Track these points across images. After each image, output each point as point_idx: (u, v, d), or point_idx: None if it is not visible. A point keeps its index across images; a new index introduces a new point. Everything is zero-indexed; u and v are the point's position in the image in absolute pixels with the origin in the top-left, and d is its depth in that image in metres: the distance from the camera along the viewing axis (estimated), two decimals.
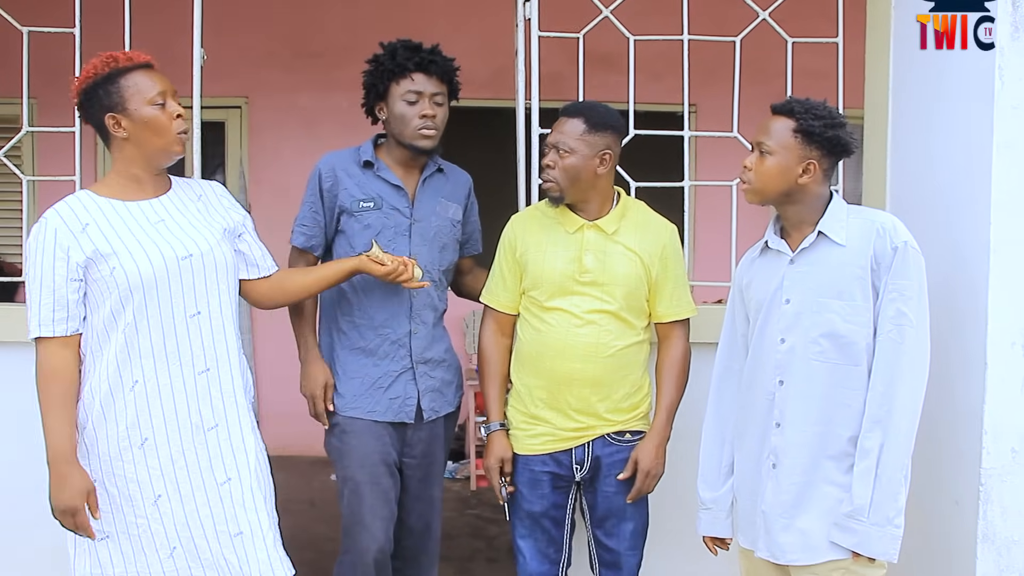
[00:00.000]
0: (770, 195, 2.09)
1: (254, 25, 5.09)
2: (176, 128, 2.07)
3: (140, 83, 2.05)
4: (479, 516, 4.31)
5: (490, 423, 2.46)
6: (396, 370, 2.46)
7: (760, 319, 2.13)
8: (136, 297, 2.02)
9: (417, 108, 2.41)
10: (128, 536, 2.05)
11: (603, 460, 2.40)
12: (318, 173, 2.48)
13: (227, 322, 2.14)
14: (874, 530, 1.94)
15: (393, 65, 2.43)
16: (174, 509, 2.07)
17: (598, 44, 2.89)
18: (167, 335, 2.05)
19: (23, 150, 5.03)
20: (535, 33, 2.74)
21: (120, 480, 2.04)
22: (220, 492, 2.10)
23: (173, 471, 2.07)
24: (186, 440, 2.07)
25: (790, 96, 2.12)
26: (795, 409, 2.06)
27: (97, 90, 2.04)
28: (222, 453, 2.11)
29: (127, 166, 2.09)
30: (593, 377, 2.34)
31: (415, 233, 2.47)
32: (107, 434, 2.04)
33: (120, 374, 2.03)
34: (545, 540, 2.44)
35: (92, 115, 2.07)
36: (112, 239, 2.02)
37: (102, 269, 2.01)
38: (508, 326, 2.48)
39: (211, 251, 2.10)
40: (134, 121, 2.04)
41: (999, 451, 2.19)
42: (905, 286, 1.97)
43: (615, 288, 2.34)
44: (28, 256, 2.03)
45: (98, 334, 2.04)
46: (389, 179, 2.48)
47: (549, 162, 2.34)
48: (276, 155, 5.29)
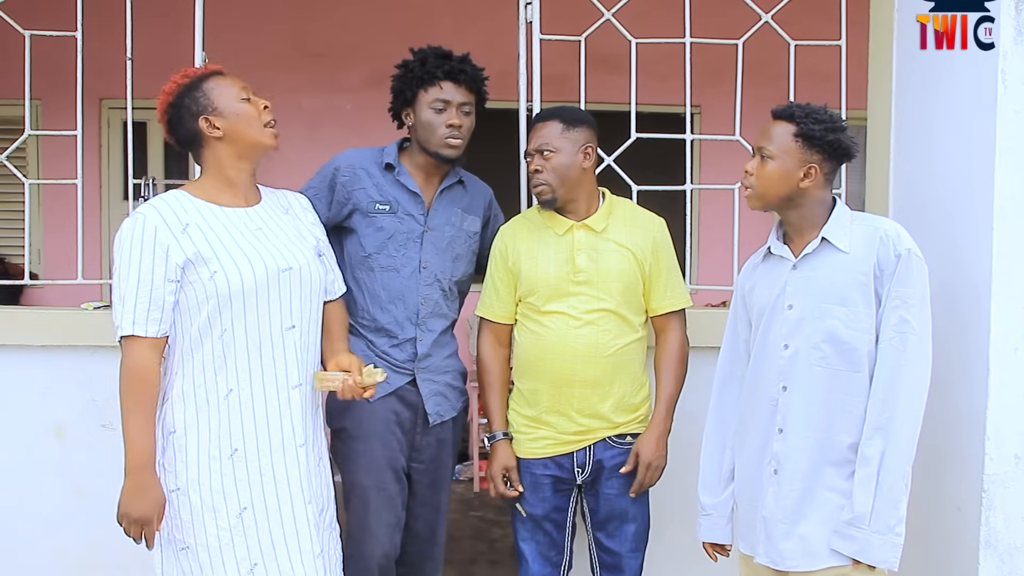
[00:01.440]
0: (772, 200, 2.09)
1: (256, 27, 5.09)
2: (265, 119, 2.10)
3: (223, 83, 2.09)
4: (482, 518, 4.31)
5: (494, 432, 2.46)
6: (394, 371, 2.45)
7: (763, 324, 2.13)
8: (235, 305, 1.99)
9: (444, 117, 2.41)
10: (207, 548, 2.00)
11: (604, 463, 2.40)
12: (335, 166, 2.47)
13: (317, 339, 2.16)
14: (875, 537, 1.94)
15: (422, 72, 2.42)
16: (259, 523, 2.03)
17: (601, 46, 2.89)
18: (263, 346, 2.03)
19: (27, 152, 5.05)
20: (536, 36, 2.74)
21: (205, 490, 2.00)
22: (307, 511, 2.08)
23: (261, 485, 2.03)
24: (276, 454, 2.05)
25: (790, 101, 2.11)
26: (798, 415, 2.05)
27: (184, 99, 2.07)
28: (310, 472, 2.11)
29: (221, 168, 2.10)
30: (594, 377, 2.34)
31: (427, 241, 2.47)
32: (198, 442, 2.00)
33: (216, 381, 2.00)
34: (547, 543, 2.44)
35: (184, 126, 2.08)
36: (214, 243, 2.00)
37: (202, 273, 1.98)
38: (505, 336, 2.49)
39: (308, 266, 2.11)
40: (227, 118, 2.07)
41: (1002, 457, 2.18)
42: (908, 294, 1.97)
43: (610, 285, 2.35)
44: (122, 251, 1.97)
45: (191, 338, 2.00)
46: (408, 184, 2.47)
47: (537, 167, 2.36)
48: (280, 156, 5.26)
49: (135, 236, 1.97)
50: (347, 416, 2.45)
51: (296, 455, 2.07)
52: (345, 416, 2.45)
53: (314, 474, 2.13)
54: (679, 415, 2.46)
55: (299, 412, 2.08)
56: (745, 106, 2.89)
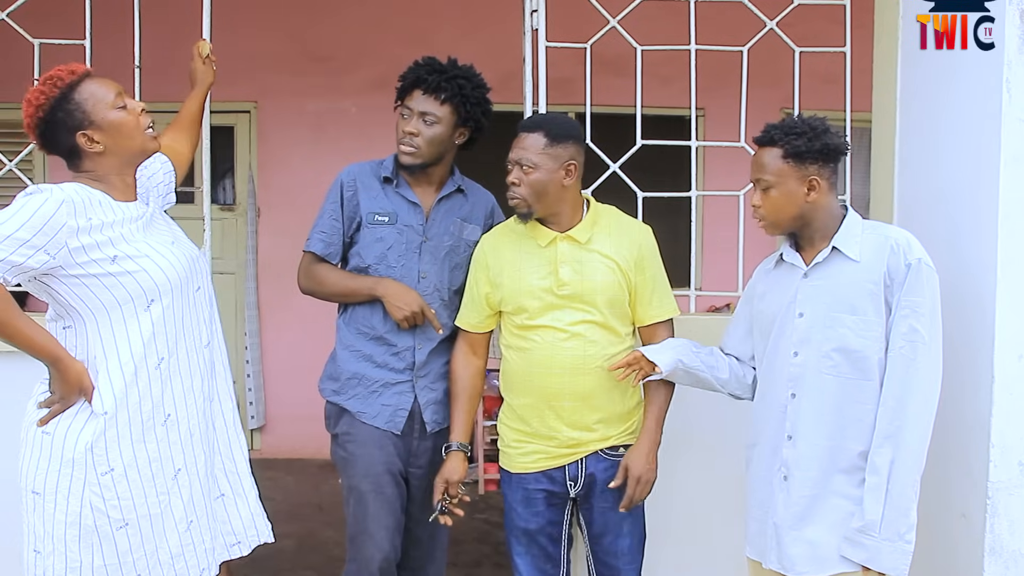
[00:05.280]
0: (786, 223, 2.11)
1: (263, 30, 5.10)
2: (144, 124, 2.04)
3: (95, 91, 1.99)
4: (487, 520, 4.31)
5: (450, 442, 2.45)
6: (392, 380, 2.46)
7: (773, 332, 2.15)
8: (163, 288, 2.03)
9: (403, 123, 2.43)
10: (149, 517, 2.03)
11: (597, 476, 2.36)
12: (340, 183, 2.50)
13: (213, 295, 2.23)
14: (885, 545, 1.95)
15: (404, 83, 2.45)
16: (191, 483, 2.09)
17: (605, 49, 2.89)
18: (186, 314, 2.09)
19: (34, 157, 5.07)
20: (543, 43, 2.74)
21: (143, 462, 2.02)
22: (218, 460, 2.19)
23: (191, 445, 2.09)
24: (203, 413, 2.13)
25: (766, 125, 2.12)
26: (807, 422, 2.07)
27: (56, 113, 1.97)
28: (221, 424, 2.21)
29: (106, 176, 2.05)
30: (583, 390, 2.31)
31: (425, 251, 2.47)
32: (129, 417, 2.01)
33: (146, 354, 2.01)
34: (542, 557, 2.41)
35: (60, 141, 2.01)
36: (128, 237, 2.02)
37: (127, 266, 2.00)
38: (480, 346, 2.47)
39: (186, 237, 2.21)
40: (106, 131, 2.00)
41: (1006, 464, 2.19)
42: (918, 303, 1.99)
43: (596, 297, 2.30)
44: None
45: (117, 321, 2.00)
46: (407, 196, 2.48)
47: (514, 179, 2.28)
48: (285, 159, 5.30)
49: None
50: (345, 421, 2.48)
51: (210, 410, 2.18)
52: (343, 421, 2.48)
53: (227, 418, 2.23)
54: (677, 425, 2.43)
55: (210, 370, 2.17)
56: (753, 107, 2.90)
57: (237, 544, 2.24)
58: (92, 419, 1.99)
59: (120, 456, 2.00)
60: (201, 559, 2.13)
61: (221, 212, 5.29)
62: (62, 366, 1.95)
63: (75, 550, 1.99)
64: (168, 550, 2.06)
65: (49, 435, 1.98)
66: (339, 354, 2.52)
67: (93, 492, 1.98)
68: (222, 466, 2.22)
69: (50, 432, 1.98)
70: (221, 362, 2.23)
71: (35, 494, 1.99)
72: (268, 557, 3.52)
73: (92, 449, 1.98)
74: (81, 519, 1.98)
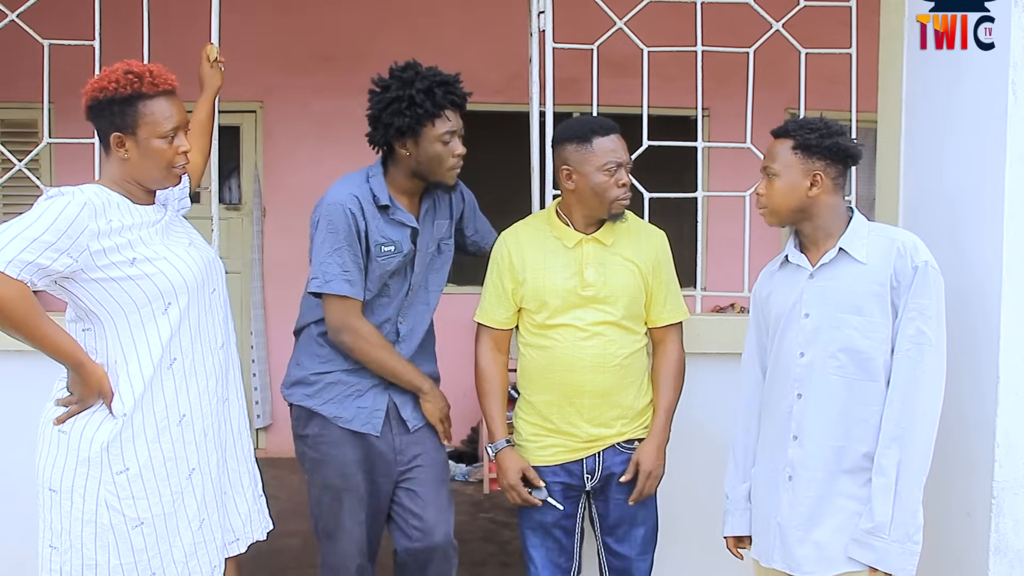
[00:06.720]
0: (785, 213, 2.13)
1: (269, 30, 5.12)
2: (177, 163, 2.07)
3: (157, 113, 2.02)
4: (492, 520, 4.32)
5: (496, 442, 2.46)
6: (368, 383, 2.44)
7: (779, 332, 2.16)
8: (179, 292, 2.06)
9: (451, 147, 2.36)
10: (164, 516, 2.06)
11: (614, 468, 2.42)
12: (349, 214, 2.33)
13: (227, 298, 2.26)
14: (895, 547, 1.97)
15: (433, 107, 2.31)
16: (204, 482, 2.13)
17: (612, 49, 2.90)
18: (202, 316, 2.12)
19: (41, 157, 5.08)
20: (549, 45, 2.75)
21: (158, 462, 2.04)
22: (231, 460, 2.24)
23: (205, 445, 2.13)
24: (216, 414, 2.16)
25: (787, 118, 2.16)
26: (813, 423, 2.08)
27: (112, 106, 2.01)
28: (238, 424, 2.26)
29: (122, 180, 2.08)
30: (602, 387, 2.36)
31: (417, 263, 2.47)
32: (144, 417, 2.03)
33: (162, 356, 2.04)
34: (556, 549, 2.46)
35: (101, 127, 2.06)
36: (148, 240, 2.05)
37: (146, 269, 2.03)
38: (504, 342, 2.50)
39: (205, 243, 2.25)
40: (139, 148, 2.03)
41: (1011, 464, 2.20)
42: (925, 305, 2.00)
43: (617, 299, 2.37)
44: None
45: (136, 325, 2.02)
46: (404, 220, 2.41)
47: (622, 194, 2.34)
48: (291, 159, 5.32)
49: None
50: (316, 423, 2.45)
51: (227, 411, 2.22)
52: (314, 423, 2.45)
53: (241, 419, 2.28)
54: (687, 422, 2.48)
55: (223, 371, 2.19)
56: (758, 108, 2.91)
57: (235, 541, 2.27)
58: (108, 419, 2.02)
59: (135, 456, 2.03)
60: (212, 557, 2.15)
61: (227, 212, 5.31)
62: (84, 371, 1.98)
63: (91, 548, 2.01)
64: (182, 549, 2.08)
65: (66, 434, 2.00)
66: (306, 361, 2.47)
67: (109, 491, 2.00)
68: (227, 465, 2.25)
69: (66, 431, 2.01)
70: (234, 363, 2.26)
71: (52, 491, 2.01)
72: (273, 554, 3.53)
73: (108, 449, 2.00)
74: (97, 517, 2.00)
